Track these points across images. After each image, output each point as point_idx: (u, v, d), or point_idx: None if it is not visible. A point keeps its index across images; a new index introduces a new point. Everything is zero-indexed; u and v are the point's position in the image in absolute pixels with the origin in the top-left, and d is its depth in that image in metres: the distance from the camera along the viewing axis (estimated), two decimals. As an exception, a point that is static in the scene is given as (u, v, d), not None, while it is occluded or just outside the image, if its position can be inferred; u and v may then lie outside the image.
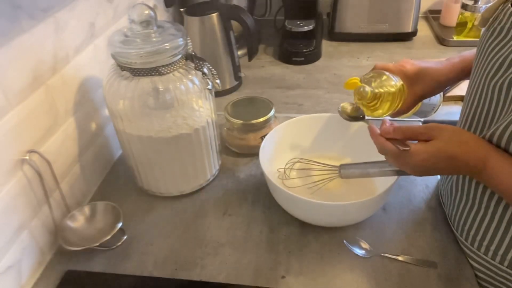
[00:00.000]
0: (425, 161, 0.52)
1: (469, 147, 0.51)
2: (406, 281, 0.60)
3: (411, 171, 0.55)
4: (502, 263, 0.56)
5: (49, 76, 0.66)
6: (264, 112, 0.83)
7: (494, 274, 0.58)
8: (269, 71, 1.19)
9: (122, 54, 0.63)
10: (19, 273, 0.61)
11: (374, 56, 1.22)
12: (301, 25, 1.23)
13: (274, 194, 0.70)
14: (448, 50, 1.23)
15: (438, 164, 0.52)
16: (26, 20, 0.60)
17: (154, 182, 0.76)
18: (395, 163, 0.57)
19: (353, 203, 0.62)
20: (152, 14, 0.65)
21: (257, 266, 0.64)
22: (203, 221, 0.72)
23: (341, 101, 1.02)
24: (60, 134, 0.69)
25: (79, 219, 0.71)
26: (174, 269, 0.64)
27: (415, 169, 0.54)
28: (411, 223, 0.69)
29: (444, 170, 0.57)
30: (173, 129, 0.68)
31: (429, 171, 0.54)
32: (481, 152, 0.50)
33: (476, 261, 0.60)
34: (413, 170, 0.55)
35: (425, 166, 0.53)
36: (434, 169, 0.53)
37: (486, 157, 0.50)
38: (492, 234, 0.56)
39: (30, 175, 0.62)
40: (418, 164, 0.53)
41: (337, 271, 0.62)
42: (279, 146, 0.77)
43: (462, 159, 0.51)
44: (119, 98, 0.66)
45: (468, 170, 0.52)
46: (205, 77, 0.68)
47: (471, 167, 0.51)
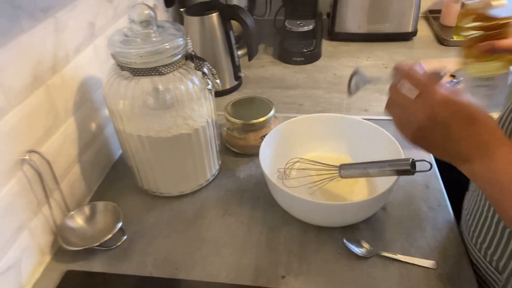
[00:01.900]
0: (453, 115, 0.44)
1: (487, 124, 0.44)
2: (406, 281, 0.60)
3: (411, 128, 0.47)
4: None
5: (49, 76, 0.66)
6: (264, 112, 0.83)
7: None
8: (269, 71, 1.19)
9: (122, 54, 0.63)
10: (19, 273, 0.61)
11: (374, 56, 1.22)
12: (301, 25, 1.23)
13: (274, 194, 0.70)
14: (448, 50, 1.23)
15: (467, 117, 0.44)
16: (26, 20, 0.60)
17: (154, 182, 0.76)
18: (399, 116, 0.49)
19: (353, 203, 0.62)
20: (152, 14, 0.65)
21: (257, 266, 0.64)
22: (203, 221, 0.72)
23: (341, 101, 1.03)
24: (60, 134, 0.69)
25: (79, 219, 0.71)
26: (174, 269, 0.64)
27: (417, 126, 0.46)
28: (411, 223, 0.69)
29: (449, 139, 0.46)
30: (173, 129, 0.68)
31: (444, 131, 0.45)
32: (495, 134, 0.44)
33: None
34: (413, 128, 0.47)
35: (433, 121, 0.45)
36: (442, 127, 0.45)
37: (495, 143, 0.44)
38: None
39: (30, 175, 0.62)
40: (427, 115, 0.45)
41: (337, 271, 0.62)
42: (279, 146, 0.77)
43: (483, 122, 0.44)
44: (119, 98, 0.66)
45: (474, 146, 0.44)
46: (205, 77, 0.68)
47: (480, 142, 0.44)
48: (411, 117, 0.47)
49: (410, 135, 0.48)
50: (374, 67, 1.16)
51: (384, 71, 0.58)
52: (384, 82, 0.55)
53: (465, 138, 0.44)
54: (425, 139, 0.47)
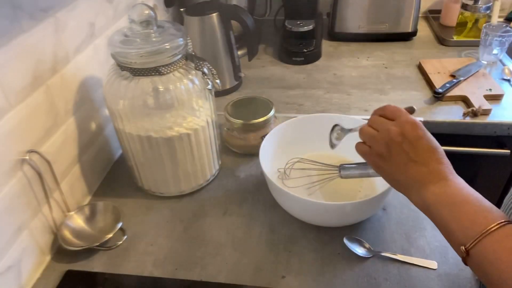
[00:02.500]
0: (419, 138, 0.49)
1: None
2: (406, 281, 0.60)
3: (380, 147, 0.52)
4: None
5: (49, 76, 0.66)
6: (264, 112, 0.83)
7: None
8: (269, 71, 1.19)
9: (122, 54, 0.64)
10: (19, 273, 0.61)
11: (374, 56, 1.22)
12: (301, 25, 1.23)
13: (274, 194, 0.70)
14: (448, 50, 1.23)
15: (424, 147, 0.49)
16: (26, 20, 0.60)
17: (154, 182, 0.76)
18: (371, 136, 0.53)
19: (353, 203, 0.62)
20: (152, 14, 0.65)
21: (257, 266, 0.64)
22: (203, 221, 0.72)
23: (341, 101, 1.03)
24: (60, 134, 0.69)
25: (79, 219, 0.71)
26: (174, 269, 0.64)
27: (386, 143, 0.51)
28: (411, 223, 0.69)
29: (421, 163, 0.50)
30: (173, 129, 0.68)
31: (410, 149, 0.50)
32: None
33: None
34: (381, 146, 0.51)
35: (413, 145, 0.49)
36: (420, 151, 0.49)
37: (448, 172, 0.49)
38: None
39: (30, 175, 0.62)
40: (411, 138, 0.49)
41: (337, 271, 0.62)
42: (279, 146, 0.77)
43: (441, 153, 0.50)
44: (119, 98, 0.66)
45: (433, 172, 0.49)
46: (205, 77, 0.68)
47: (439, 170, 0.48)
48: (382, 136, 0.52)
49: (376, 155, 0.53)
50: (374, 67, 1.16)
51: (360, 122, 0.64)
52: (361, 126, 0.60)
53: (426, 162, 0.49)
54: (389, 160, 0.52)
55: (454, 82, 1.01)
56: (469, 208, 0.45)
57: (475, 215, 0.44)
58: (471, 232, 0.43)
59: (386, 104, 0.55)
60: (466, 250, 0.43)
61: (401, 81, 1.09)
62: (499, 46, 1.09)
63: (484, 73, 1.06)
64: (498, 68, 1.10)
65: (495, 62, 1.12)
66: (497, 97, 0.98)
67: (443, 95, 0.98)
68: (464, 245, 0.43)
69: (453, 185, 0.47)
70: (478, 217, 0.44)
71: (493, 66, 1.11)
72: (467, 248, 0.43)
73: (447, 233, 0.47)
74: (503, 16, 1.33)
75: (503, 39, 1.08)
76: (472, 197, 0.46)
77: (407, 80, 1.09)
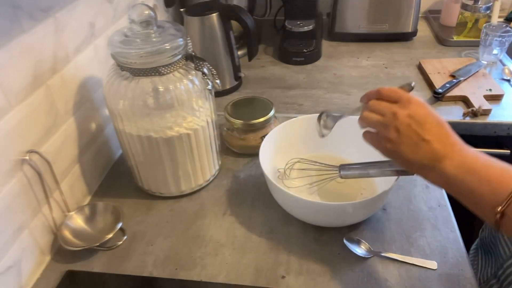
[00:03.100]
0: (426, 115, 0.49)
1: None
2: (406, 281, 0.60)
3: (388, 132, 0.50)
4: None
5: (49, 76, 0.66)
6: (264, 112, 0.83)
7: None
8: (269, 71, 1.19)
9: (122, 54, 0.64)
10: (19, 273, 0.61)
11: (374, 56, 1.22)
12: (301, 25, 1.23)
13: (274, 194, 0.70)
14: (448, 50, 1.23)
15: (432, 123, 0.49)
16: (26, 20, 0.60)
17: (154, 182, 0.76)
18: (377, 122, 0.51)
19: (353, 203, 0.62)
20: (152, 14, 0.65)
21: (257, 266, 0.64)
22: (203, 221, 0.72)
23: (341, 101, 1.03)
24: (60, 134, 0.69)
25: (79, 219, 0.71)
26: (174, 269, 0.64)
27: (395, 127, 0.49)
28: (411, 223, 0.69)
29: (428, 140, 0.49)
30: (173, 129, 0.68)
31: (420, 129, 0.49)
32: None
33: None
34: (391, 131, 0.50)
35: (422, 123, 0.49)
36: (427, 130, 0.48)
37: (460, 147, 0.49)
38: None
39: (30, 175, 0.62)
40: (418, 116, 0.48)
41: (337, 272, 0.62)
42: (279, 146, 0.77)
43: (449, 127, 0.50)
44: (119, 98, 0.66)
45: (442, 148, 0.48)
46: (205, 77, 0.68)
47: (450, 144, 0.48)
48: (389, 120, 0.50)
49: (386, 140, 0.51)
50: (374, 67, 1.16)
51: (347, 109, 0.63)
52: (356, 111, 0.60)
53: (437, 137, 0.49)
54: (400, 143, 0.50)
55: (454, 82, 1.01)
56: (493, 171, 0.46)
57: (501, 176, 0.45)
58: (502, 192, 0.44)
59: (379, 87, 0.54)
60: (501, 211, 0.43)
61: (401, 81, 1.09)
62: (499, 46, 1.09)
63: (484, 73, 1.06)
64: (498, 68, 1.10)
65: (495, 62, 1.12)
66: (497, 97, 0.98)
67: (443, 95, 0.98)
68: (497, 206, 0.43)
69: (469, 154, 0.48)
70: (505, 178, 0.45)
71: (493, 66, 1.11)
72: (503, 208, 0.43)
73: (475, 200, 0.46)
74: (503, 16, 1.33)
75: (503, 39, 1.08)
76: (490, 161, 0.47)
77: (407, 80, 1.09)
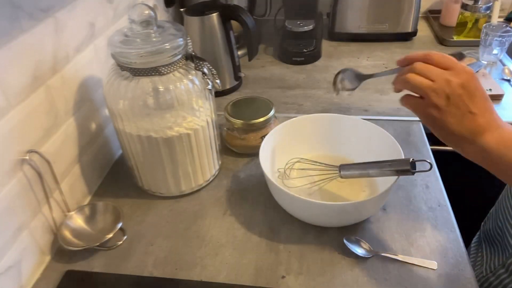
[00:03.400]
0: (476, 88, 0.49)
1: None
2: (406, 281, 0.60)
3: (434, 98, 0.49)
4: None
5: (49, 76, 0.66)
6: (264, 112, 0.83)
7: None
8: (269, 71, 1.19)
9: (122, 54, 0.64)
10: (19, 273, 0.61)
11: (374, 56, 1.22)
12: (301, 25, 1.23)
13: (274, 194, 0.70)
14: (448, 50, 1.23)
15: (481, 97, 0.49)
16: (26, 20, 0.60)
17: (154, 182, 0.76)
18: (423, 86, 0.50)
19: (353, 203, 0.62)
20: (152, 14, 0.65)
21: (257, 266, 0.64)
22: (203, 221, 0.72)
23: (341, 101, 1.03)
24: (60, 134, 0.69)
25: (79, 219, 0.71)
26: (174, 269, 0.64)
27: (445, 94, 0.49)
28: (411, 223, 0.69)
29: (472, 112, 0.49)
30: (173, 129, 0.68)
31: (469, 100, 0.49)
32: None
33: None
34: (439, 98, 0.49)
35: (472, 95, 0.49)
36: (474, 98, 0.49)
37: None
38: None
39: (30, 175, 0.62)
40: (466, 83, 0.48)
41: (337, 271, 0.62)
42: (279, 146, 0.77)
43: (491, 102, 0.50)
44: (119, 98, 0.66)
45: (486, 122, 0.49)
46: (205, 77, 0.68)
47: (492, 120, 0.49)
48: (441, 87, 0.49)
49: (432, 107, 0.50)
50: (374, 67, 1.16)
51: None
52: (387, 74, 0.58)
53: (483, 112, 0.49)
54: (447, 111, 0.49)
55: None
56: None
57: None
58: None
59: (429, 51, 0.52)
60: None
61: (401, 81, 1.09)
62: (499, 46, 1.09)
63: (484, 73, 1.06)
64: (498, 68, 1.10)
65: (495, 62, 1.12)
66: (497, 97, 0.98)
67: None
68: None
69: (510, 129, 0.49)
70: None
71: (493, 66, 1.11)
72: None
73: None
74: (503, 16, 1.33)
75: (503, 39, 1.08)
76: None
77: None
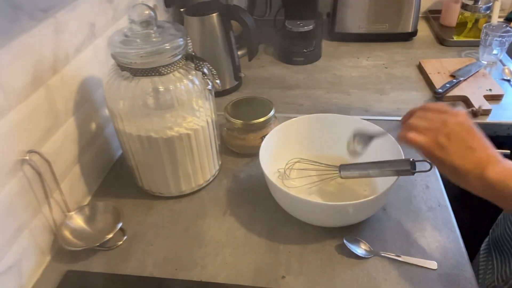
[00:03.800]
0: (472, 126, 0.53)
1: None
2: (406, 281, 0.60)
3: (437, 137, 0.53)
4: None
5: (49, 76, 0.66)
6: (264, 112, 0.83)
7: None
8: (269, 71, 1.19)
9: (122, 54, 0.64)
10: (19, 273, 0.61)
11: (374, 56, 1.22)
12: (301, 25, 1.23)
13: (274, 194, 0.70)
14: (448, 50, 1.23)
15: (477, 134, 0.53)
16: (26, 20, 0.60)
17: (154, 182, 0.76)
18: (426, 127, 0.55)
19: (353, 203, 0.62)
20: (152, 14, 0.65)
21: (257, 266, 0.64)
22: (203, 221, 0.72)
23: (341, 101, 1.03)
24: (60, 134, 0.69)
25: (79, 219, 0.71)
26: (174, 269, 0.64)
27: (445, 133, 0.53)
28: (411, 223, 0.69)
29: (472, 148, 0.53)
30: (173, 129, 0.68)
31: (468, 137, 0.53)
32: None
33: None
34: (440, 136, 0.53)
35: (470, 132, 0.53)
36: (471, 136, 0.53)
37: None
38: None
39: (30, 175, 0.62)
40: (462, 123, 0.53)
41: (337, 271, 0.62)
42: (279, 146, 0.77)
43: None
44: (119, 98, 0.66)
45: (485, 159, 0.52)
46: (205, 77, 0.68)
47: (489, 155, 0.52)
48: (440, 127, 0.54)
49: (435, 146, 0.54)
50: (374, 67, 1.16)
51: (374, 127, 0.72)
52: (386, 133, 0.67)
53: (482, 148, 0.53)
54: (449, 149, 0.53)
55: (454, 82, 1.01)
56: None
57: None
58: None
59: (424, 104, 0.59)
60: None
61: (401, 81, 1.09)
62: (499, 46, 1.09)
63: (484, 73, 1.06)
64: (498, 68, 1.10)
65: (495, 62, 1.12)
66: (497, 97, 0.98)
67: (443, 95, 0.98)
68: None
69: (509, 163, 0.52)
70: None
71: (493, 66, 1.11)
72: None
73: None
74: (503, 16, 1.33)
75: (503, 39, 1.08)
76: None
77: (407, 80, 1.09)
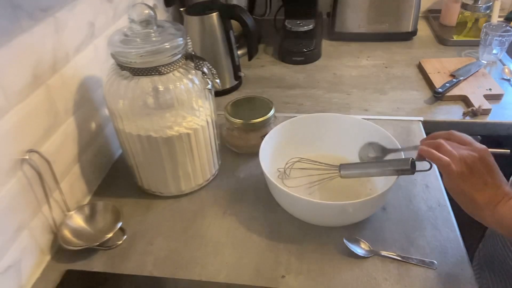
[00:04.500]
0: (493, 163, 0.55)
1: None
2: (406, 281, 0.60)
3: (460, 171, 0.55)
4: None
5: (49, 76, 0.66)
6: (264, 112, 0.83)
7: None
8: (269, 71, 1.19)
9: (122, 53, 0.63)
10: (19, 273, 0.61)
11: (374, 56, 1.22)
12: (301, 24, 1.23)
13: (274, 194, 0.70)
14: (448, 49, 1.23)
15: (496, 171, 0.55)
16: (26, 20, 0.60)
17: (154, 182, 0.76)
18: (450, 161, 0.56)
19: (353, 203, 0.62)
20: (152, 14, 0.65)
21: (257, 266, 0.64)
22: (203, 221, 0.72)
23: (341, 100, 1.03)
24: (60, 134, 0.69)
25: (79, 219, 0.71)
26: (174, 269, 0.64)
27: (469, 167, 0.55)
28: (411, 223, 0.69)
29: (484, 182, 0.56)
30: (173, 129, 0.68)
31: (486, 173, 0.55)
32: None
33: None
34: (463, 170, 0.55)
35: (489, 169, 0.55)
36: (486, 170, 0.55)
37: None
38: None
39: (30, 175, 0.62)
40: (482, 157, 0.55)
41: (337, 271, 0.62)
42: (279, 146, 0.77)
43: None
44: (119, 98, 0.66)
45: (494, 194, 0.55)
46: (205, 77, 0.68)
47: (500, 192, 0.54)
48: (463, 158, 0.55)
49: (458, 173, 0.55)
50: (374, 67, 1.16)
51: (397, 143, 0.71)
52: (410, 149, 0.65)
53: (498, 185, 0.55)
54: (469, 179, 0.55)
55: (454, 82, 1.01)
56: None
57: None
58: None
59: (450, 131, 0.60)
60: None
61: (401, 81, 1.09)
62: (499, 46, 1.09)
63: (484, 73, 1.06)
64: (498, 68, 1.10)
65: (495, 61, 1.12)
66: (497, 96, 0.98)
67: (443, 94, 0.98)
68: None
69: None
70: None
71: (493, 66, 1.11)
72: None
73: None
74: (503, 16, 1.33)
75: (503, 39, 1.08)
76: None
77: (407, 80, 1.09)
